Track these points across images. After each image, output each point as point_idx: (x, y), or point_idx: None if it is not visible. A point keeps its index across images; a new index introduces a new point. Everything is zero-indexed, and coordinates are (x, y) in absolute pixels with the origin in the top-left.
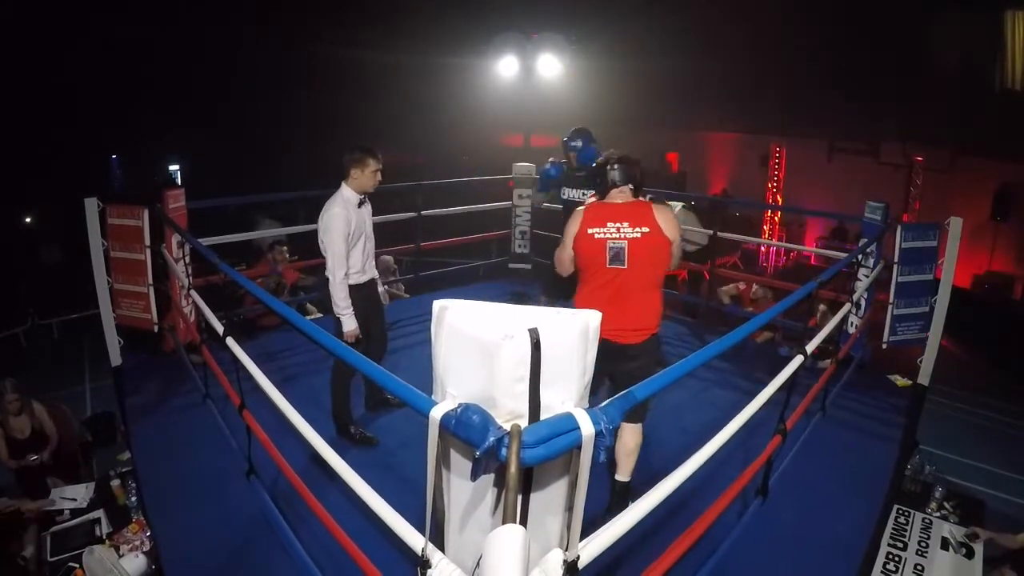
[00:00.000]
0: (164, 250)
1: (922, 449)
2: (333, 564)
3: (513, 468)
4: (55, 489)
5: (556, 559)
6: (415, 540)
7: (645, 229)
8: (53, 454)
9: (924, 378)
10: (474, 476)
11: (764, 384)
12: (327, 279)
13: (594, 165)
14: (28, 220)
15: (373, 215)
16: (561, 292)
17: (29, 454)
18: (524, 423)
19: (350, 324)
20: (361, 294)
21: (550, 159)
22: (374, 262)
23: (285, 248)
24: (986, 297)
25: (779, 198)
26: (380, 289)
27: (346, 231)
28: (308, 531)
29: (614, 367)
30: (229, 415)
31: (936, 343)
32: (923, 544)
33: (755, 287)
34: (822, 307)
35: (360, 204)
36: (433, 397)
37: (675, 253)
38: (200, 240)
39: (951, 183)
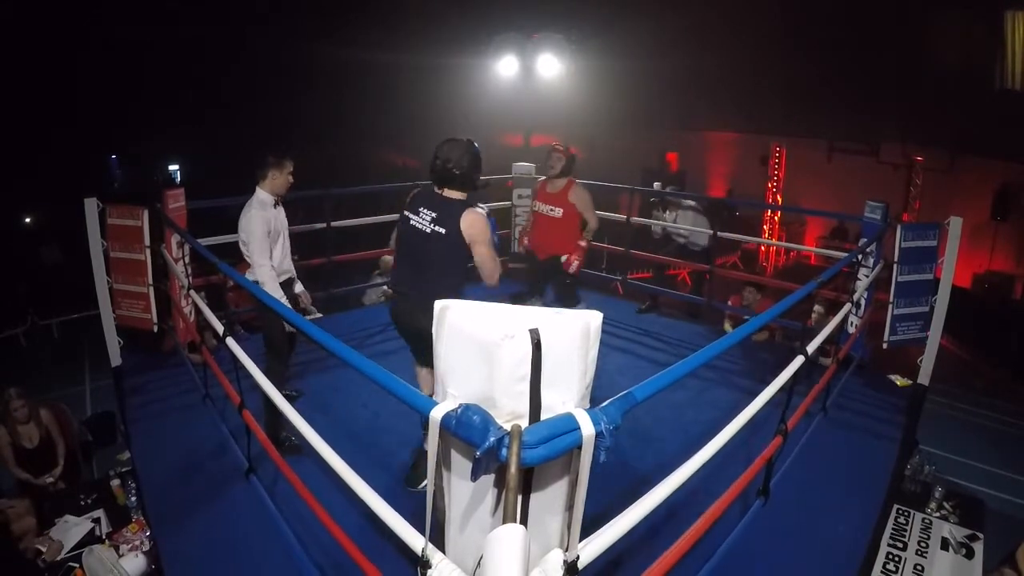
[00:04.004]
0: (164, 250)
1: (922, 449)
2: (333, 564)
3: (513, 468)
4: (60, 522)
5: (556, 559)
6: (415, 540)
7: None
8: (64, 471)
9: (924, 378)
10: (474, 476)
11: (764, 384)
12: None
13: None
14: (28, 220)
15: (373, 214)
16: None
17: (44, 475)
18: (525, 423)
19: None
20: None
21: None
22: (291, 261)
23: None
24: (986, 297)
25: (779, 198)
26: (298, 289)
27: (265, 229)
28: (308, 531)
29: None
30: (229, 415)
31: (936, 343)
32: (923, 544)
33: (745, 293)
34: (818, 308)
35: (275, 205)
36: (434, 397)
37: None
38: (200, 240)
39: (951, 183)
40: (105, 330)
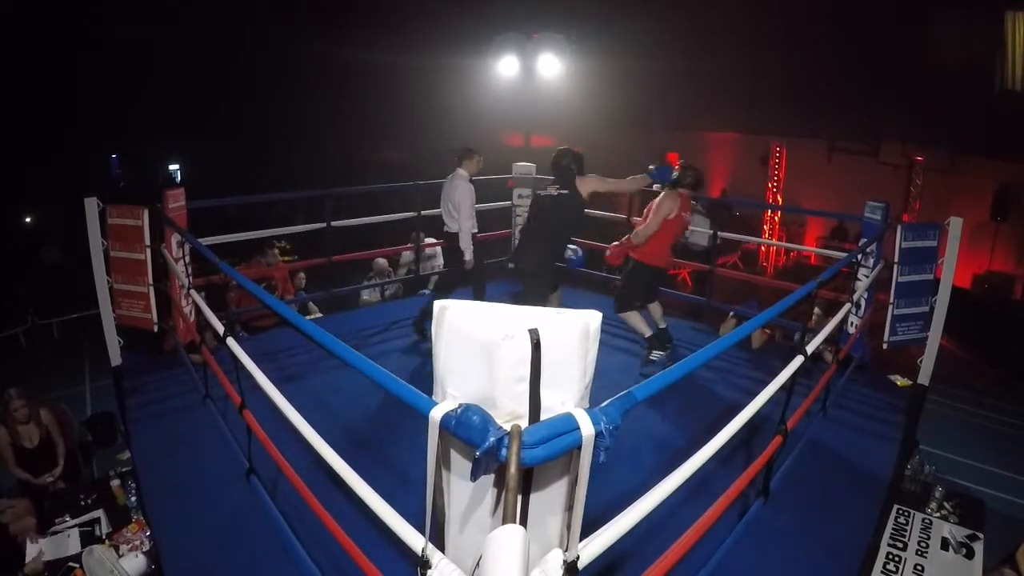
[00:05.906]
0: (164, 250)
1: (922, 449)
2: (333, 564)
3: (513, 468)
4: (60, 522)
5: (556, 559)
6: (415, 540)
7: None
8: (64, 471)
9: (924, 378)
10: (474, 476)
11: (764, 384)
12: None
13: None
14: (28, 220)
15: (374, 215)
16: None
17: (44, 475)
18: (524, 423)
19: (472, 257)
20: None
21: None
22: None
23: (276, 250)
24: (986, 297)
25: (779, 198)
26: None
27: (474, 199)
28: (308, 531)
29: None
30: (229, 415)
31: (936, 343)
32: (923, 544)
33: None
34: (817, 311)
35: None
36: (433, 397)
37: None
38: (200, 240)
39: (951, 183)
40: (105, 330)
